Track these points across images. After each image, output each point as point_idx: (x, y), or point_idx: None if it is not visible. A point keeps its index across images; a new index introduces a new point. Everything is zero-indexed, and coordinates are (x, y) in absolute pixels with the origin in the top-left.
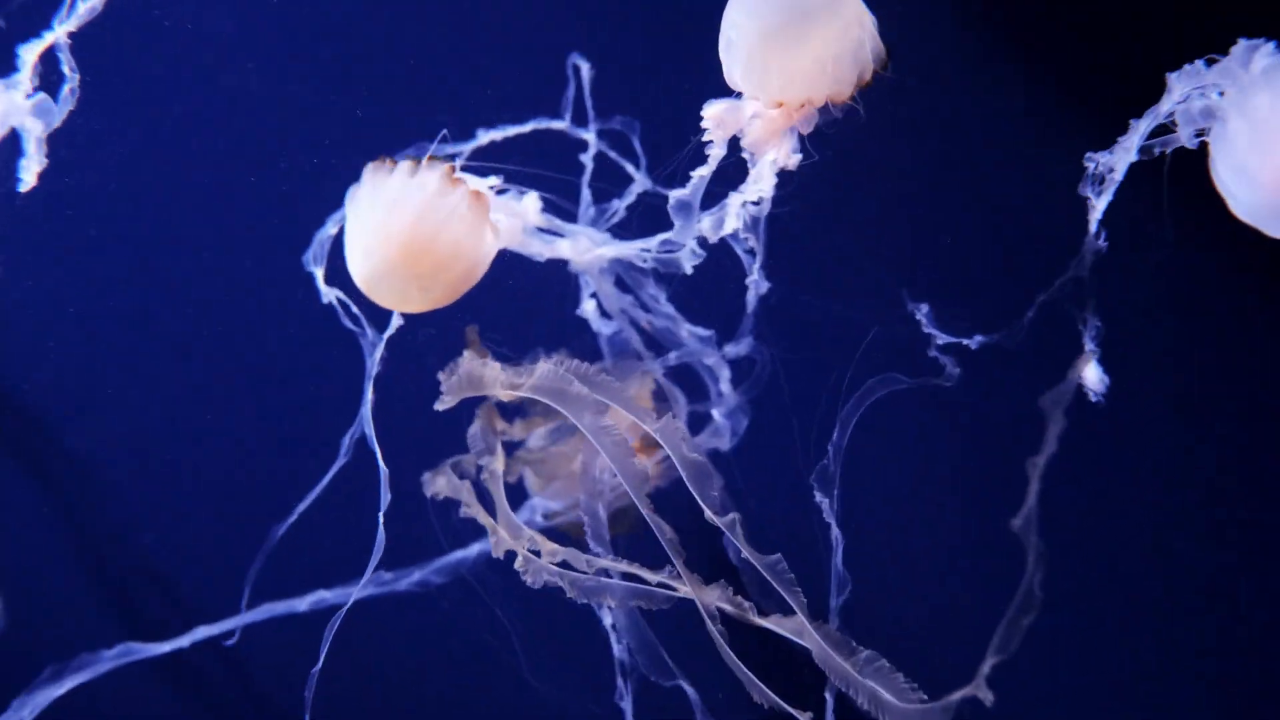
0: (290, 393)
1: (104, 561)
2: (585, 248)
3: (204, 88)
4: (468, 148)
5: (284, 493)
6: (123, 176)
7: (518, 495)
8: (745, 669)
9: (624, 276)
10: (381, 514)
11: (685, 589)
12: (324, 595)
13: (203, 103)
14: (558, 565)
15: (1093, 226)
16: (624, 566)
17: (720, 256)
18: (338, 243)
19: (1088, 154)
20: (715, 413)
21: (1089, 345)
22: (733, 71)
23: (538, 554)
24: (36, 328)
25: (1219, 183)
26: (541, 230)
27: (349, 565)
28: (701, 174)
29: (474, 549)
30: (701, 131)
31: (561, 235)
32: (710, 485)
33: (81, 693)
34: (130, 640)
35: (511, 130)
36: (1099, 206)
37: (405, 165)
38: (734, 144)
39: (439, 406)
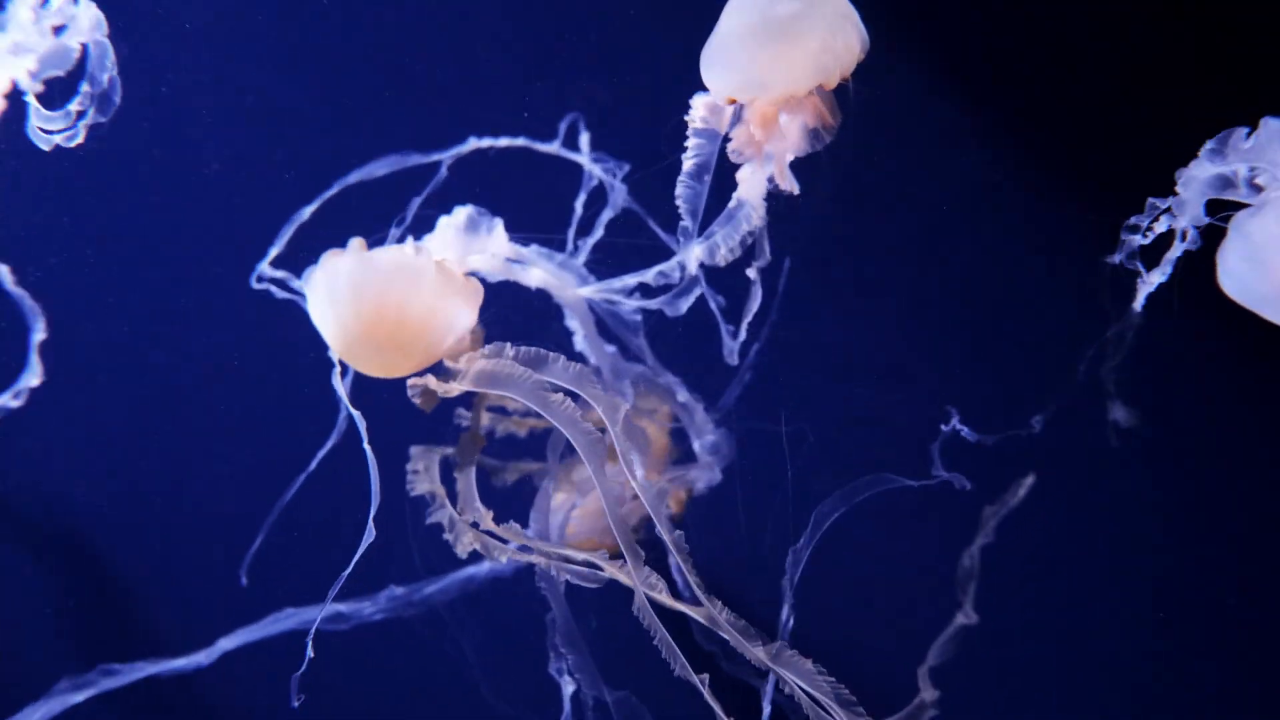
0: (275, 395)
1: (73, 585)
2: (563, 281)
3: (196, 93)
4: (452, 154)
5: (272, 498)
6: (105, 174)
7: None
8: (672, 643)
9: (601, 313)
10: (372, 515)
11: (612, 570)
12: (338, 608)
13: (193, 106)
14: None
15: (1140, 299)
16: (556, 549)
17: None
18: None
19: (1127, 224)
20: (696, 446)
21: (1111, 386)
22: (701, 64)
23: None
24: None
25: (1223, 259)
26: (512, 260)
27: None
28: (687, 168)
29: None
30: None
31: (532, 263)
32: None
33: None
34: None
35: (503, 141)
36: (1152, 281)
37: (355, 244)
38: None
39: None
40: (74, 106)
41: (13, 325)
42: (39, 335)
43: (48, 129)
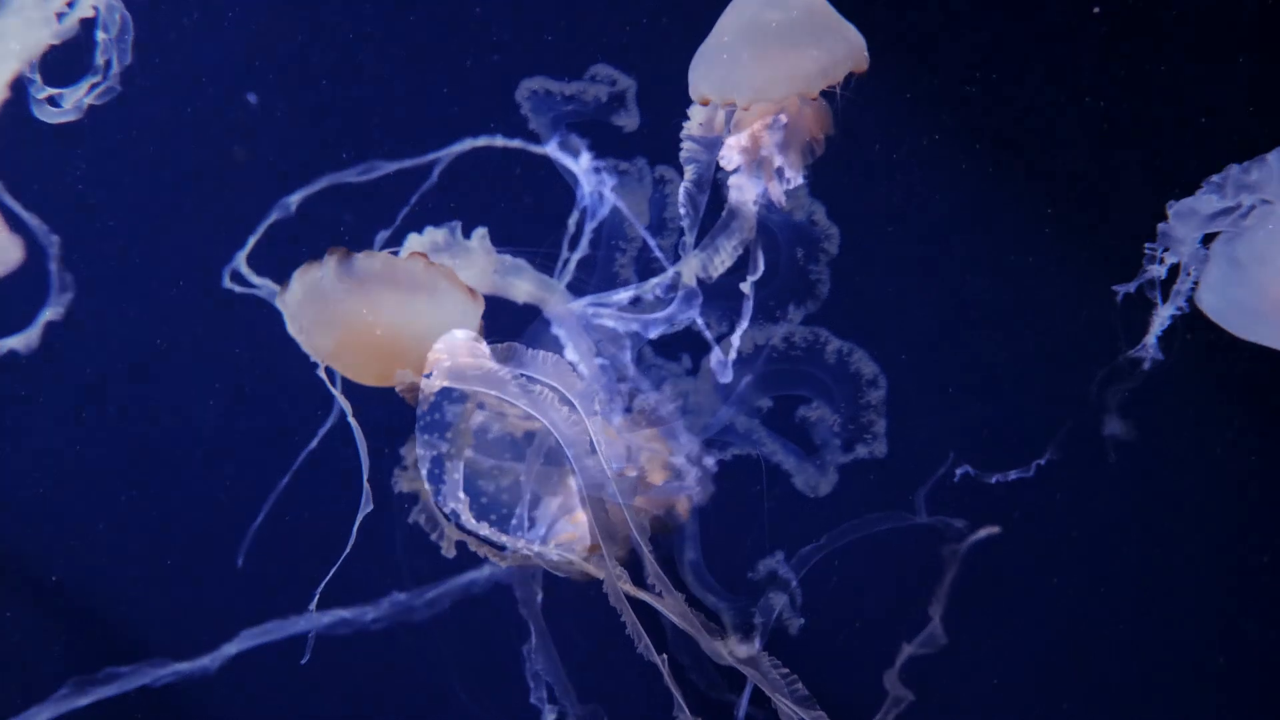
0: (279, 392)
1: (77, 588)
2: (551, 294)
3: (193, 94)
4: (445, 153)
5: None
6: (99, 171)
7: None
8: (638, 624)
9: (590, 327)
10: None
11: (581, 561)
12: (342, 614)
13: (189, 106)
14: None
15: (1158, 330)
16: (532, 548)
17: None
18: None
19: (1147, 257)
20: (676, 461)
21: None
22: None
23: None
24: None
25: (1205, 282)
26: (498, 273)
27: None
28: (685, 177)
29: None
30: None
31: (519, 275)
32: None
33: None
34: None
35: (499, 141)
36: (1165, 313)
37: (334, 256)
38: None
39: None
40: (99, 60)
41: (30, 298)
42: (54, 314)
43: (69, 99)
